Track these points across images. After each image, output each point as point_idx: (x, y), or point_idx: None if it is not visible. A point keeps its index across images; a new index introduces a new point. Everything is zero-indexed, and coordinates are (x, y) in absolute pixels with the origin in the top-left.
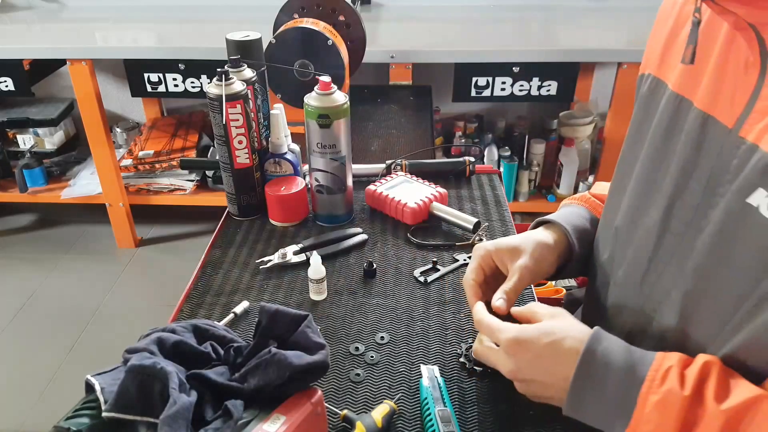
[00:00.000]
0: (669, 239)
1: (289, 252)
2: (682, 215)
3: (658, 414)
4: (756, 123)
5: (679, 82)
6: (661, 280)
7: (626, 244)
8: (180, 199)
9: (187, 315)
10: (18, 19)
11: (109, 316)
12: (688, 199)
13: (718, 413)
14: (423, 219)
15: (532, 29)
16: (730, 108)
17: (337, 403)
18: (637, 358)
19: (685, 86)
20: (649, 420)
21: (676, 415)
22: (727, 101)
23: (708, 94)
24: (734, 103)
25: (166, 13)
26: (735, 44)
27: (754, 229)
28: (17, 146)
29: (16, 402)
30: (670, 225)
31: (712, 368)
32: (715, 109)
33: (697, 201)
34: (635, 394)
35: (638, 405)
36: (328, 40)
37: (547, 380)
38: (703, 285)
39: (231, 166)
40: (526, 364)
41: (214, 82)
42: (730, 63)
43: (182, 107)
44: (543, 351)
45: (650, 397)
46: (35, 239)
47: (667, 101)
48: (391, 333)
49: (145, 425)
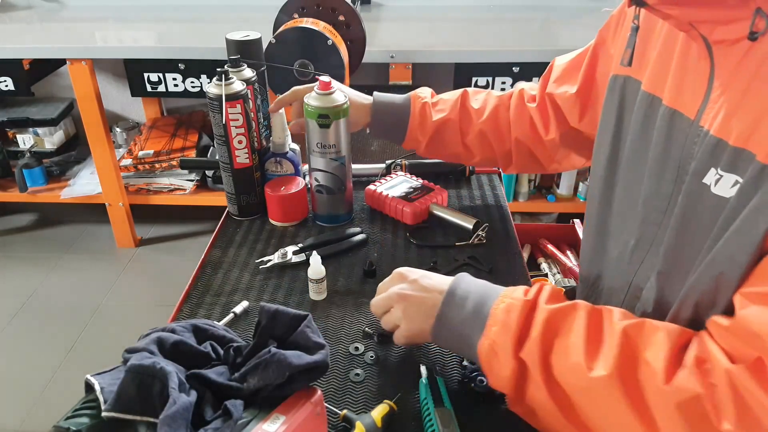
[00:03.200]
0: (647, 228)
1: (289, 252)
2: (657, 205)
3: (504, 315)
4: (710, 112)
5: (649, 82)
6: (642, 268)
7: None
8: (180, 199)
9: (187, 315)
10: (18, 19)
11: (109, 316)
12: (662, 188)
13: (544, 310)
14: (423, 219)
15: (532, 29)
16: (692, 101)
17: (337, 403)
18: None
19: (655, 85)
20: (496, 322)
21: (518, 315)
22: (689, 95)
23: (673, 90)
24: (694, 95)
25: (166, 13)
26: (690, 42)
27: (706, 206)
28: (17, 146)
29: (16, 402)
30: (649, 215)
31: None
32: (679, 103)
33: (669, 190)
34: (489, 309)
35: (490, 315)
36: (328, 39)
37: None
38: (671, 265)
39: (231, 166)
40: (407, 285)
41: (214, 82)
42: (689, 60)
43: (182, 107)
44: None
45: (499, 305)
46: (35, 239)
47: (641, 101)
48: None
49: (145, 425)
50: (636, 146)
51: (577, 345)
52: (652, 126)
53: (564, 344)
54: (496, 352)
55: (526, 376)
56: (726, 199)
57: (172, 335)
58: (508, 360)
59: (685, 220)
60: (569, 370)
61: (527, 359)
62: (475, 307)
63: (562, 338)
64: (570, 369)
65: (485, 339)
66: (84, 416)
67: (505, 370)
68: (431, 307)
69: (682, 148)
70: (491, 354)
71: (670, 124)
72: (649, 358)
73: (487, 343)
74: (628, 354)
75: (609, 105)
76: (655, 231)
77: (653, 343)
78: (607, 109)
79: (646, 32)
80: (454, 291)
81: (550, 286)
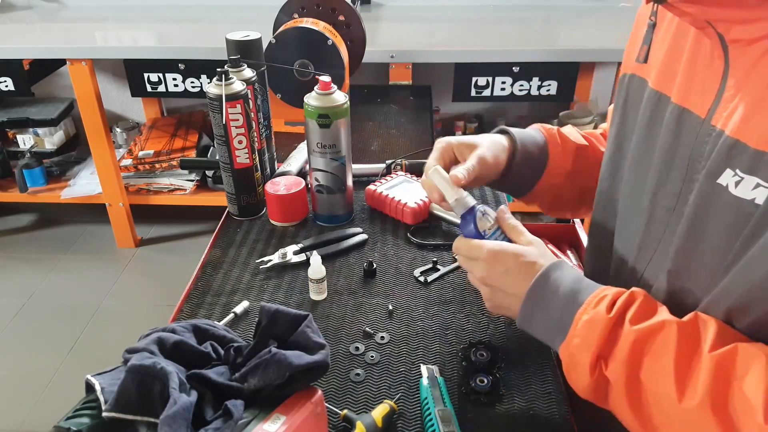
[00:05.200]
0: (654, 226)
1: (289, 252)
2: (664, 203)
3: (586, 330)
4: (723, 111)
5: (657, 80)
6: (650, 266)
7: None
8: (180, 199)
9: (187, 315)
10: (18, 19)
11: (109, 316)
12: (670, 187)
13: (630, 332)
14: (423, 219)
15: (532, 29)
16: (702, 99)
17: (337, 403)
18: (582, 287)
19: (663, 83)
20: (579, 335)
21: (600, 333)
22: (699, 93)
23: (682, 88)
24: (705, 94)
25: (166, 13)
26: (702, 40)
27: (724, 207)
28: (17, 146)
29: (16, 402)
30: (655, 213)
31: (638, 297)
32: (688, 101)
33: (677, 188)
34: (573, 314)
35: (573, 322)
36: (328, 39)
37: (509, 291)
38: (683, 264)
39: (231, 166)
40: (497, 274)
41: (214, 82)
42: (700, 58)
43: (182, 107)
44: (513, 267)
45: (583, 316)
46: (35, 239)
47: (648, 98)
48: (391, 333)
49: (145, 425)
50: (642, 144)
51: (667, 369)
52: (660, 124)
53: (652, 366)
54: (576, 364)
55: (607, 390)
56: (750, 202)
57: (173, 335)
58: (585, 374)
59: (698, 219)
60: (657, 394)
61: (611, 377)
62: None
63: (651, 359)
64: (658, 393)
65: (566, 346)
66: (84, 416)
67: (582, 381)
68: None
69: (691, 146)
70: (571, 363)
71: (679, 122)
72: (747, 391)
73: (567, 352)
74: (723, 383)
75: (617, 103)
76: (663, 229)
77: (751, 373)
78: (617, 107)
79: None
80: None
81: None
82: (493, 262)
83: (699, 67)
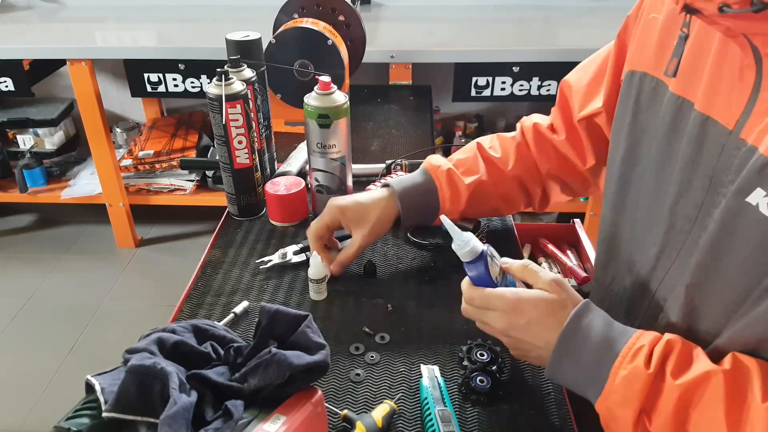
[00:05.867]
0: (674, 236)
1: (289, 252)
2: (686, 213)
3: (625, 386)
4: (756, 125)
5: (678, 84)
6: (668, 276)
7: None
8: (180, 199)
9: (187, 315)
10: (18, 19)
11: (109, 316)
12: (691, 196)
13: (674, 387)
14: None
15: (532, 29)
16: (729, 110)
17: (337, 403)
18: (615, 335)
19: (685, 88)
20: (617, 391)
21: (640, 389)
22: (724, 103)
23: (706, 95)
24: (732, 105)
25: (166, 13)
26: (729, 48)
27: (753, 226)
28: (17, 146)
29: (16, 402)
30: (675, 222)
31: (675, 346)
32: (713, 110)
33: (699, 199)
34: (608, 367)
35: (610, 377)
36: (328, 39)
37: (535, 342)
38: (705, 279)
39: (231, 166)
40: (518, 327)
41: (214, 82)
42: (726, 65)
43: (182, 107)
44: (536, 318)
45: (620, 371)
46: (35, 239)
47: (668, 102)
48: (391, 333)
49: (146, 425)
50: (662, 149)
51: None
52: (682, 130)
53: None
54: (616, 418)
55: None
56: None
57: (173, 335)
58: (627, 429)
59: (723, 235)
60: None
61: None
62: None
63: (700, 414)
64: None
65: (603, 401)
66: (84, 416)
67: None
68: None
69: (716, 157)
70: (609, 417)
71: (702, 131)
72: None
73: (605, 407)
74: None
75: (624, 102)
76: (683, 240)
77: None
78: (623, 106)
79: (667, 31)
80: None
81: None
82: (513, 314)
83: (725, 75)
